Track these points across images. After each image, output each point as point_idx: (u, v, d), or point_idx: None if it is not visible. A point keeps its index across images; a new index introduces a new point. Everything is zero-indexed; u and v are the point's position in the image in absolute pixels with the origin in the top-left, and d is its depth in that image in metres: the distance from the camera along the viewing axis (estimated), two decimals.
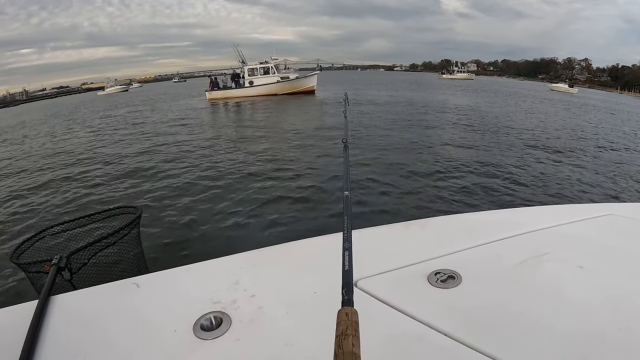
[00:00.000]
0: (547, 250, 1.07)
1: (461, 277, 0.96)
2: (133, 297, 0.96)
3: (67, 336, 0.82)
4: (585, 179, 7.34)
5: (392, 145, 9.69)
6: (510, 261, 1.03)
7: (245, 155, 8.97)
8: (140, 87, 79.38)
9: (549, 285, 0.93)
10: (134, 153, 9.87)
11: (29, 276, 1.38)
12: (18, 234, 4.93)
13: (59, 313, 0.89)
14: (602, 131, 14.16)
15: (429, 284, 0.94)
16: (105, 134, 14.02)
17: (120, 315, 0.89)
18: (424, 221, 1.37)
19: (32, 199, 6.51)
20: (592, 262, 1.01)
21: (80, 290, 1.03)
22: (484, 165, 7.87)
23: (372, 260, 1.07)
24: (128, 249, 1.51)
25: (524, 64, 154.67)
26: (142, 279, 1.04)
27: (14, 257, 1.42)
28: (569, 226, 1.27)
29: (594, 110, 24.77)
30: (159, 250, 4.18)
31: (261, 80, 25.74)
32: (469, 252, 1.10)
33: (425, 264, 1.03)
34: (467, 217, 1.48)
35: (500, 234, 1.20)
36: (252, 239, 4.52)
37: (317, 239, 1.24)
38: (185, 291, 0.96)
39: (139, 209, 1.68)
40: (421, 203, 5.69)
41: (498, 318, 0.82)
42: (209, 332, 0.80)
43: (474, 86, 45.38)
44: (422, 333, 0.78)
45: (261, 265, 1.07)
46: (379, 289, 0.93)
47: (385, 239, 1.25)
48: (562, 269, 0.99)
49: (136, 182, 7.11)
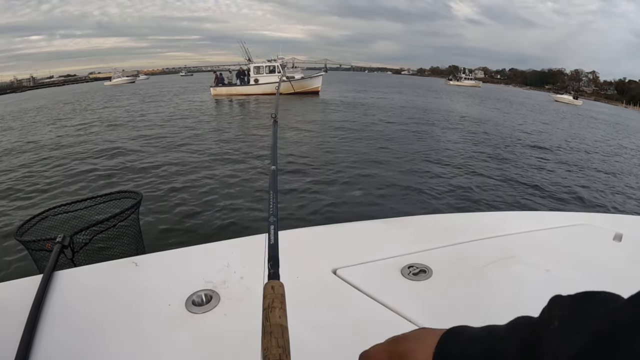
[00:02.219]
0: (515, 254, 1.13)
1: (432, 271, 1.03)
2: (132, 275, 1.03)
3: (70, 308, 0.89)
4: (570, 187, 7.45)
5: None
6: (479, 261, 1.09)
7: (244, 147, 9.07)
8: (147, 79, 79.43)
9: (512, 285, 0.99)
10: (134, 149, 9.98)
11: (32, 254, 1.45)
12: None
13: (63, 287, 0.96)
14: (599, 144, 14.22)
15: (402, 276, 1.02)
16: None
17: (119, 290, 0.96)
18: (405, 219, 1.44)
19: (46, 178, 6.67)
20: (559, 268, 1.06)
21: (82, 267, 1.10)
22: (478, 171, 7.95)
23: (352, 251, 1.15)
24: (128, 232, 1.58)
25: (531, 73, 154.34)
26: (140, 259, 1.11)
27: (17, 234, 1.49)
28: (541, 232, 1.32)
29: (596, 122, 24.84)
30: (157, 234, 4.34)
31: (266, 78, 25.69)
32: (442, 249, 1.17)
33: (400, 258, 1.10)
34: (445, 218, 1.54)
35: (474, 235, 1.26)
36: (244, 225, 4.70)
37: (303, 230, 1.32)
38: (180, 271, 1.04)
39: (139, 194, 1.75)
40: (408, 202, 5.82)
41: (461, 310, 0.89)
42: (199, 307, 0.88)
43: (480, 94, 45.32)
44: (390, 319, 0.86)
45: (250, 252, 1.14)
46: (355, 277, 1.00)
47: (367, 233, 1.32)
48: (527, 272, 1.05)
49: (135, 175, 7.20)
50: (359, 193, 6.12)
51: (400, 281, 1.00)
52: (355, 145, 10.08)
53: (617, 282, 1.01)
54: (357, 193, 6.11)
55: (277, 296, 0.50)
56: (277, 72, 25.90)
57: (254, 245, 1.19)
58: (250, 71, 25.98)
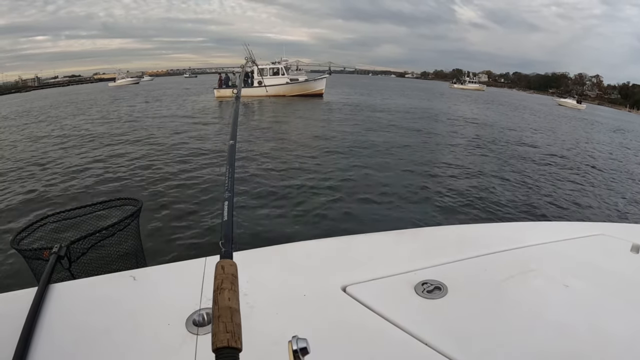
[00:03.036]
0: (534, 267, 1.09)
1: (447, 288, 0.98)
2: (130, 290, 0.98)
3: (64, 324, 0.84)
4: (581, 197, 7.32)
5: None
6: (496, 276, 1.05)
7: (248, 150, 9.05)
8: (151, 80, 79.83)
9: (531, 302, 0.95)
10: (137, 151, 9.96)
11: (29, 263, 1.40)
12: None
13: (57, 301, 0.92)
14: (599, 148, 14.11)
15: (415, 293, 0.97)
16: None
17: (116, 306, 0.91)
18: (416, 231, 1.38)
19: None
20: (577, 282, 1.02)
21: (78, 280, 1.06)
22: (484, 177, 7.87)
23: (362, 266, 1.10)
24: (127, 241, 1.53)
25: (535, 77, 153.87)
26: (139, 272, 1.06)
27: (14, 242, 1.44)
28: (558, 244, 1.28)
29: (601, 126, 24.71)
30: (158, 243, 4.24)
31: (270, 80, 25.74)
32: (456, 264, 1.12)
33: (413, 274, 1.05)
34: (458, 229, 1.49)
35: (489, 248, 1.21)
36: (247, 237, 4.56)
37: (310, 242, 1.27)
38: (180, 286, 0.99)
39: (139, 202, 1.70)
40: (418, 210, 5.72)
41: (479, 332, 0.84)
42: (201, 327, 0.83)
43: (485, 97, 45.18)
44: (403, 341, 0.81)
45: (255, 266, 1.09)
46: (367, 295, 0.95)
47: (377, 247, 1.27)
48: (547, 287, 1.01)
49: (133, 179, 7.13)
50: (361, 201, 6.05)
51: (414, 299, 0.95)
52: (358, 148, 10.03)
53: (635, 295, 0.99)
54: (359, 202, 6.03)
55: (227, 277, 0.45)
56: (281, 74, 25.95)
57: (258, 259, 1.14)
58: (254, 73, 26.01)
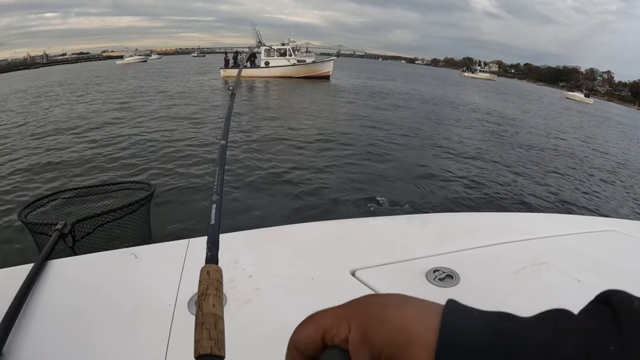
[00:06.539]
0: (546, 260, 1.06)
1: (459, 277, 0.95)
2: (131, 268, 0.95)
3: (58, 302, 0.82)
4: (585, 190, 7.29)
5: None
6: (509, 266, 1.02)
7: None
8: (159, 58, 79.28)
9: (545, 295, 0.92)
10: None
11: (34, 237, 1.38)
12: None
13: (55, 277, 0.90)
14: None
15: (427, 281, 0.94)
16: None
17: (116, 285, 0.88)
18: (427, 216, 1.36)
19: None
20: (590, 277, 1.00)
21: (79, 257, 1.03)
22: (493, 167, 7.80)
23: (372, 250, 1.07)
24: (135, 225, 1.50)
25: (546, 69, 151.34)
26: (140, 250, 1.03)
27: (21, 215, 1.41)
28: (570, 237, 1.25)
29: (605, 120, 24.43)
30: (164, 223, 4.20)
31: (277, 61, 25.46)
32: (469, 252, 1.09)
33: (425, 260, 1.02)
34: (470, 217, 1.46)
35: (501, 237, 1.18)
36: (254, 217, 4.55)
37: (319, 224, 1.24)
38: (183, 265, 0.95)
39: (152, 186, 1.67)
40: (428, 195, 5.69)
41: None
42: None
43: (497, 88, 44.61)
44: None
45: (261, 246, 1.07)
46: (376, 281, 0.93)
47: (386, 231, 1.24)
48: (560, 281, 0.98)
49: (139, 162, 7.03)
50: (374, 182, 6.02)
51: (425, 287, 0.92)
52: (366, 132, 9.93)
53: None
54: (371, 183, 6.00)
55: (212, 282, 0.44)
56: (288, 56, 25.64)
57: (264, 239, 1.12)
58: (261, 54, 25.71)
